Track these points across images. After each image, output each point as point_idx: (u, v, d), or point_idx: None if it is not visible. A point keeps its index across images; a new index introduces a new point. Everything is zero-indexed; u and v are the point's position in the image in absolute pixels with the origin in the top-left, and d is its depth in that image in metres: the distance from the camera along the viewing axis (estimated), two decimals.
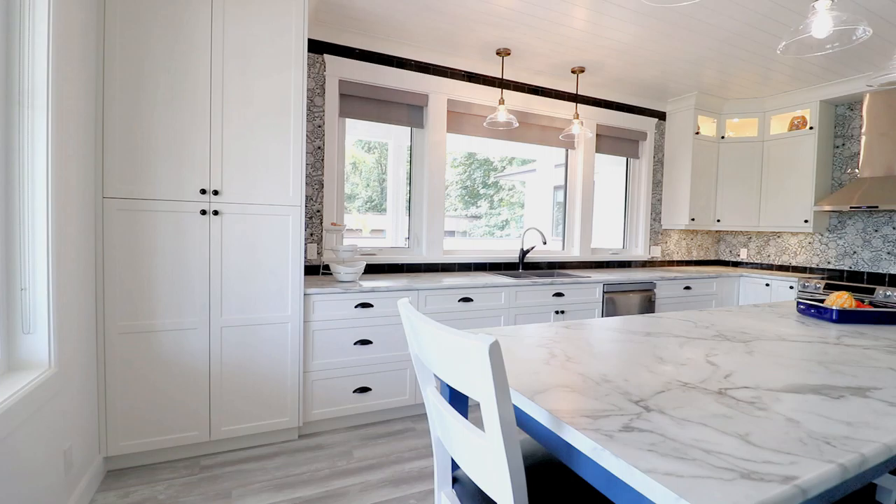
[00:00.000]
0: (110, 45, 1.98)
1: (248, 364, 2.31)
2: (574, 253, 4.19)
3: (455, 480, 1.15)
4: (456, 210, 4.72)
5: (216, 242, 2.21)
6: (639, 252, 4.54)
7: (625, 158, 4.53)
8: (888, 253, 3.69)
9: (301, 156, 2.36)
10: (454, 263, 3.57)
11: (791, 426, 0.82)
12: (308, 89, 2.98)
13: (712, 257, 5.01)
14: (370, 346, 2.62)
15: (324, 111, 3.02)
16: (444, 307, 2.82)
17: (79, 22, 1.79)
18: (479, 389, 0.75)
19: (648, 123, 4.44)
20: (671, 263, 4.72)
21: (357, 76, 3.11)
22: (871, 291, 3.29)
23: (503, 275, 3.46)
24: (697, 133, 4.29)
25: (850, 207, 3.52)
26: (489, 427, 0.76)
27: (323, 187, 3.04)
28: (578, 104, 4.04)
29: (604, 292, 3.43)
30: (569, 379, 1.06)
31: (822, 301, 1.91)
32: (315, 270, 3.00)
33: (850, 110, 3.97)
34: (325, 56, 3.01)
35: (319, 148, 3.03)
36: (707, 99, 4.25)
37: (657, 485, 0.62)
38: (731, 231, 4.84)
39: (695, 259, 4.88)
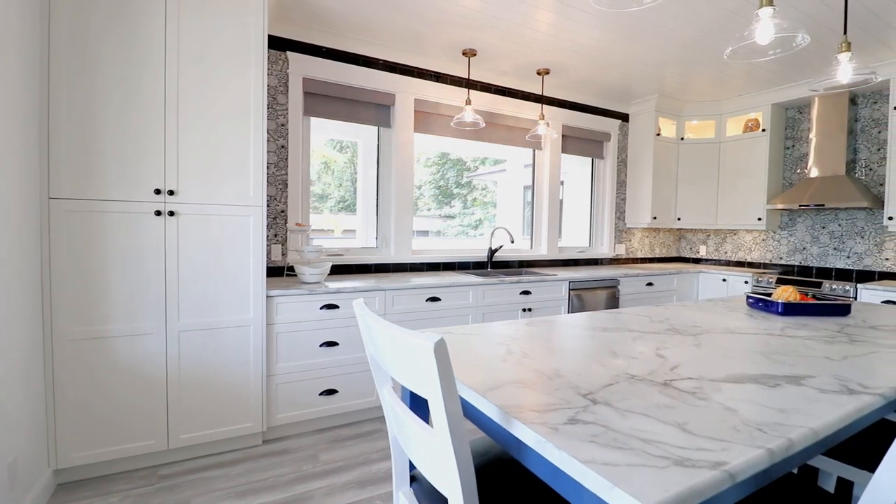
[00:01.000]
0: (56, 37, 1.89)
1: (208, 369, 2.24)
2: (542, 251, 4.26)
3: (413, 479, 1.15)
4: (430, 210, 4.72)
5: (172, 244, 2.14)
6: (604, 250, 4.65)
7: (590, 159, 4.63)
8: (834, 249, 3.90)
9: (262, 155, 2.31)
10: (423, 263, 3.56)
11: (728, 414, 0.86)
12: (270, 87, 2.92)
13: (674, 254, 5.18)
14: (336, 347, 2.59)
15: (287, 109, 2.97)
16: (412, 307, 2.82)
17: (16, 10, 1.70)
18: (427, 387, 0.76)
19: (612, 125, 4.56)
20: (635, 261, 4.85)
21: (322, 74, 3.07)
22: (819, 285, 3.48)
23: (472, 274, 3.49)
24: (658, 134, 4.43)
25: (800, 206, 3.71)
26: (437, 423, 0.77)
27: (287, 187, 2.98)
28: (544, 105, 4.10)
29: (569, 290, 3.50)
30: (523, 375, 1.08)
31: (769, 295, 2.01)
32: (279, 272, 2.94)
33: (800, 113, 4.17)
34: (289, 53, 2.96)
35: (283, 147, 2.97)
36: (667, 101, 4.40)
37: (594, 474, 0.64)
38: (691, 229, 5.01)
39: (658, 256, 5.03)
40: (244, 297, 2.30)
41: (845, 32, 2.03)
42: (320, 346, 2.55)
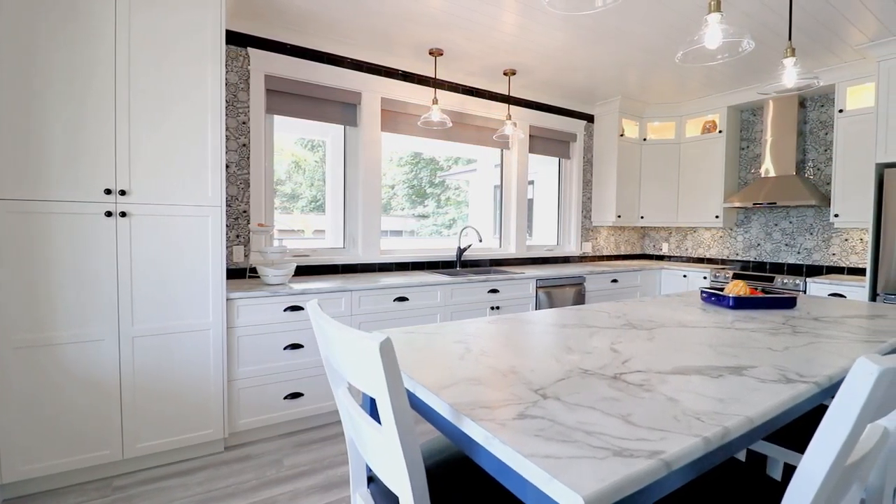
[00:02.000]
0: None
1: (165, 375, 2.17)
2: (511, 250, 4.30)
3: (370, 480, 1.14)
4: (403, 209, 4.70)
5: (125, 247, 2.06)
6: (572, 248, 4.74)
7: (557, 159, 4.71)
8: (786, 245, 4.10)
9: (221, 153, 2.25)
10: (392, 263, 3.55)
11: (670, 405, 0.89)
12: (231, 84, 2.85)
13: (638, 251, 5.33)
14: (301, 350, 2.55)
15: (249, 107, 2.90)
16: (379, 307, 2.80)
17: None
18: (374, 385, 0.75)
19: (578, 125, 4.65)
20: (602, 258, 4.97)
21: (286, 72, 3.02)
22: (772, 280, 3.64)
23: (440, 273, 3.49)
24: (622, 135, 4.54)
25: (754, 204, 3.88)
26: (385, 422, 0.77)
27: (249, 187, 2.91)
28: (511, 105, 4.15)
29: (537, 287, 3.55)
30: (479, 372, 1.09)
31: (722, 290, 2.09)
32: (242, 274, 2.87)
33: (753, 115, 4.36)
34: (250, 50, 2.89)
35: (245, 146, 2.90)
36: (630, 103, 4.51)
37: (535, 467, 0.65)
38: (654, 227, 5.17)
39: (623, 254, 5.17)
40: (203, 301, 2.23)
41: (790, 38, 2.13)
42: (284, 348, 2.50)
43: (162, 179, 2.12)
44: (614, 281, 4.11)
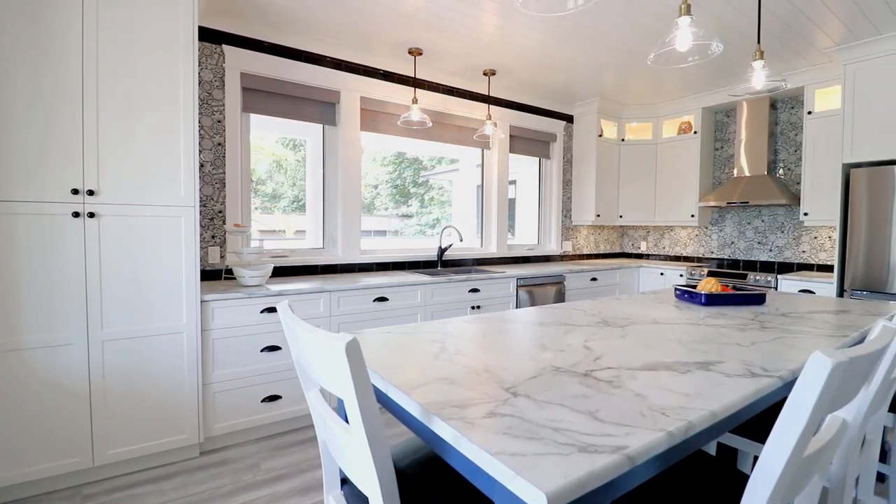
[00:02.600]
0: None
1: (137, 380, 2.12)
2: (492, 249, 4.32)
3: (344, 482, 1.14)
4: (387, 209, 4.68)
5: (94, 248, 2.00)
6: (552, 247, 4.78)
7: (538, 158, 4.75)
8: (758, 243, 4.21)
9: (194, 152, 2.20)
10: (372, 263, 3.53)
11: (637, 400, 0.90)
12: (205, 81, 2.79)
13: (617, 250, 5.41)
14: (279, 352, 2.51)
15: (224, 105, 2.85)
16: (359, 308, 2.78)
17: None
18: (341, 386, 0.75)
19: (558, 126, 4.69)
20: (582, 257, 5.02)
21: (262, 70, 2.97)
22: (745, 277, 3.73)
23: (421, 273, 3.48)
24: (601, 135, 4.60)
25: (728, 203, 3.97)
26: (353, 423, 0.76)
27: (225, 186, 2.86)
28: (491, 105, 4.17)
29: (517, 286, 3.57)
30: (452, 371, 1.09)
31: (694, 287, 2.13)
32: (217, 275, 2.82)
33: (727, 117, 4.47)
34: (225, 47, 2.84)
35: (220, 144, 2.85)
36: (608, 104, 4.58)
37: (500, 465, 0.66)
38: (632, 226, 5.25)
39: (602, 252, 5.24)
40: (176, 303, 2.19)
41: (759, 42, 2.18)
42: (261, 351, 2.46)
43: (132, 179, 2.07)
44: (594, 279, 4.17)
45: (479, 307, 3.35)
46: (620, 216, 4.79)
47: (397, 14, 2.75)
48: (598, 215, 4.62)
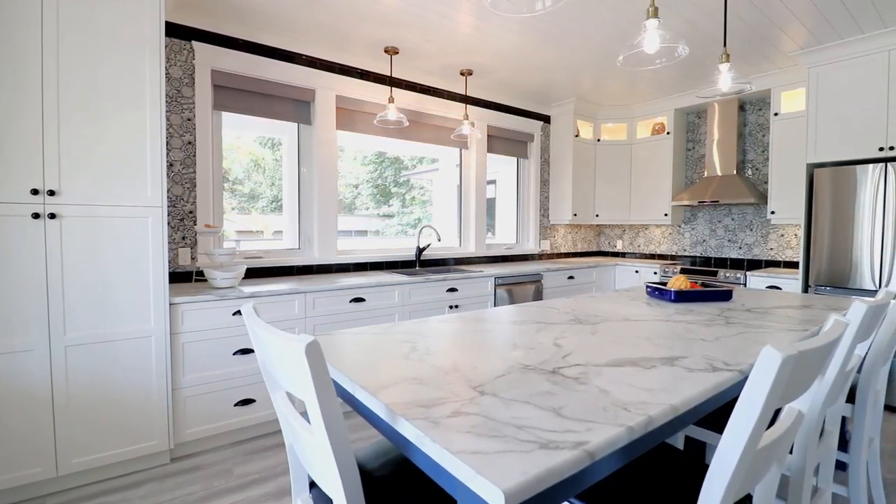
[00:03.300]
0: None
1: (103, 386, 2.05)
2: (470, 249, 4.33)
3: (312, 486, 1.12)
4: (368, 209, 4.64)
5: (55, 250, 1.93)
6: (530, 246, 4.82)
7: (515, 158, 4.78)
8: (729, 240, 4.32)
9: (161, 151, 2.15)
10: (350, 264, 3.50)
11: (601, 396, 0.92)
12: (174, 78, 2.72)
13: (594, 248, 5.49)
14: (252, 355, 2.47)
15: (194, 103, 2.79)
16: (335, 309, 2.76)
17: None
18: (303, 388, 0.74)
19: (535, 126, 4.73)
20: (560, 255, 5.08)
21: (234, 67, 2.91)
22: (716, 274, 3.83)
23: (399, 273, 3.47)
24: (577, 136, 4.66)
25: (699, 202, 4.07)
26: (315, 425, 0.75)
27: (196, 186, 2.80)
28: (469, 105, 4.18)
29: (495, 285, 3.59)
30: (421, 371, 1.08)
31: (665, 284, 2.18)
32: (188, 277, 2.75)
33: (699, 118, 4.57)
34: (195, 43, 2.77)
35: (190, 143, 2.78)
36: (584, 105, 4.64)
37: (461, 464, 0.66)
38: (609, 224, 5.33)
39: (580, 251, 5.30)
40: (143, 306, 2.13)
41: (725, 45, 2.24)
42: (234, 354, 2.41)
43: (96, 179, 2.01)
44: (571, 277, 4.22)
45: (456, 306, 3.35)
46: (597, 215, 4.87)
47: (373, 13, 2.73)
48: (575, 214, 4.68)
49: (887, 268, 2.95)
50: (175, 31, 2.71)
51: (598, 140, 4.84)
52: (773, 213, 3.74)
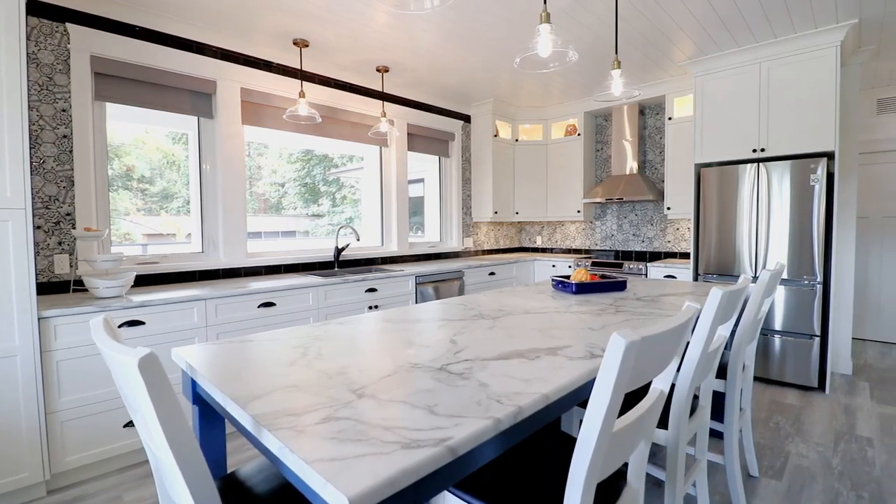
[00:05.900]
0: None
1: None
2: (392, 248, 4.29)
3: None
4: (296, 209, 4.42)
5: None
6: (454, 244, 4.87)
7: (437, 157, 4.81)
8: (633, 235, 4.66)
9: (22, 145, 1.89)
10: (261, 267, 3.32)
11: (480, 390, 0.93)
12: (44, 64, 2.41)
13: (516, 245, 5.67)
14: None
15: (69, 92, 2.49)
16: (241, 315, 2.60)
17: None
18: (142, 407, 0.67)
19: (456, 125, 4.79)
20: (483, 252, 5.19)
21: (120, 54, 2.64)
22: (622, 266, 4.11)
23: (316, 275, 3.35)
24: (496, 136, 4.78)
25: (606, 199, 4.34)
26: (161, 451, 0.69)
27: (74, 185, 2.50)
28: (387, 103, 4.13)
29: (416, 284, 3.59)
30: (304, 377, 1.04)
31: (568, 277, 2.29)
32: (66, 287, 2.46)
33: (605, 121, 4.88)
34: (69, 25, 2.48)
35: (66, 137, 2.48)
36: (503, 106, 4.77)
37: (313, 473, 0.63)
38: (528, 221, 5.54)
39: (502, 247, 5.46)
40: (5, 322, 1.86)
41: (616, 53, 2.40)
42: None
43: None
44: (492, 273, 4.32)
45: (377, 307, 3.31)
46: (517, 212, 5.03)
47: (279, 2, 2.60)
48: (496, 212, 4.80)
49: (762, 256, 3.32)
50: (43, 10, 2.41)
51: (517, 140, 5.00)
52: (669, 208, 4.08)
